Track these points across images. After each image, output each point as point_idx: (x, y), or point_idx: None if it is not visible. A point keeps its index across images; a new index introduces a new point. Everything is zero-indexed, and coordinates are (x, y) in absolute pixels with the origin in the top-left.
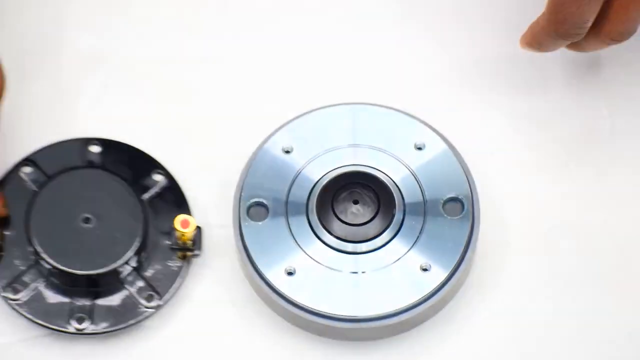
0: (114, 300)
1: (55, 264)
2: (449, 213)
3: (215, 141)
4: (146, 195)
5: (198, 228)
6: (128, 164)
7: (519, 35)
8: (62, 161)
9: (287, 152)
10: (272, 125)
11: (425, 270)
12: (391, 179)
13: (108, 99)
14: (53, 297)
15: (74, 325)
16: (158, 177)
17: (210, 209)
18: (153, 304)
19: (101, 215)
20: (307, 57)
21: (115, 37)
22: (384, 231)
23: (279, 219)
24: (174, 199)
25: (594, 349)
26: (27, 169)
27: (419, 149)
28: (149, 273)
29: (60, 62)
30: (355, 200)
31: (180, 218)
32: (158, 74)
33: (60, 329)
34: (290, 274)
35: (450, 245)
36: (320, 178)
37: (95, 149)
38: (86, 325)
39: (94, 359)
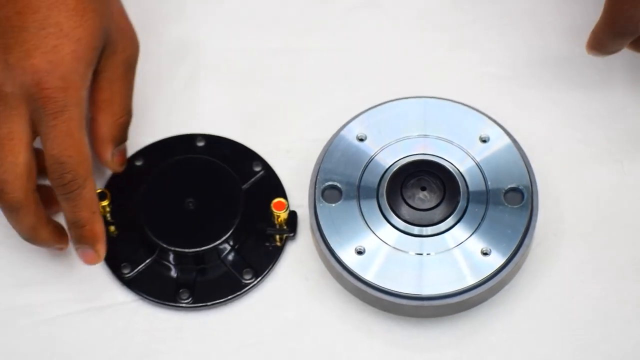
0: (215, 276)
1: (163, 243)
2: (509, 202)
3: (295, 128)
4: (246, 185)
5: (293, 212)
6: (229, 155)
7: (581, 35)
8: (170, 154)
9: (361, 139)
10: (348, 115)
11: (485, 254)
12: (457, 169)
13: (195, 91)
14: (160, 273)
15: (179, 298)
16: (257, 167)
17: (288, 190)
18: (250, 279)
19: (205, 199)
20: (383, 53)
21: (201, 27)
22: (448, 217)
23: (351, 201)
24: (272, 186)
25: None
26: (139, 161)
27: (484, 141)
28: (247, 252)
29: (147, 53)
30: (422, 186)
31: (275, 201)
32: (246, 64)
33: (167, 302)
34: (360, 253)
35: (509, 232)
36: (391, 165)
37: (200, 143)
38: (190, 299)
39: (196, 329)
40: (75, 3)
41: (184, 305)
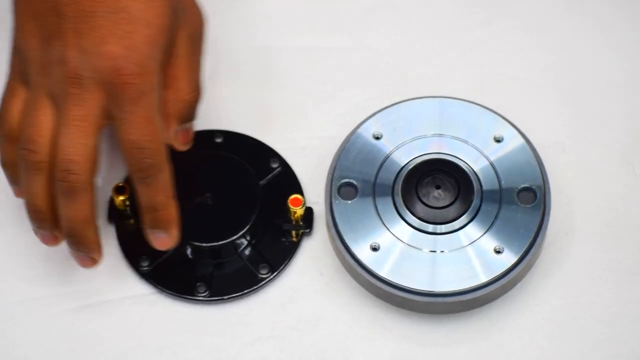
0: (232, 270)
1: (181, 237)
2: (522, 201)
3: (312, 126)
4: (263, 181)
5: (309, 208)
6: (247, 151)
7: (595, 36)
8: (189, 149)
9: (377, 138)
10: (364, 113)
11: (498, 252)
12: (471, 168)
13: (215, 87)
14: (178, 267)
15: (196, 292)
16: (275, 164)
17: (304, 186)
18: (266, 274)
19: (222, 194)
20: (400, 53)
21: (221, 25)
22: (462, 215)
23: (367, 199)
24: (289, 182)
25: None
26: None
27: (498, 141)
28: (263, 247)
29: None
30: (437, 185)
31: (292, 197)
32: (265, 62)
33: (184, 295)
34: (374, 249)
35: (522, 231)
36: (407, 163)
37: (218, 139)
38: (207, 292)
39: (212, 322)
40: None
41: (200, 298)
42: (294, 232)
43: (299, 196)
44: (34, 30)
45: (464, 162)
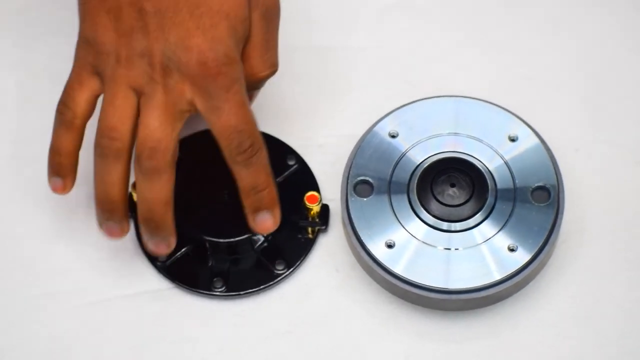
0: (248, 266)
1: (198, 233)
2: (536, 200)
3: (329, 124)
4: (280, 178)
5: (325, 205)
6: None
7: (614, 38)
8: (206, 147)
9: (393, 136)
10: (380, 112)
11: (512, 250)
12: (486, 167)
13: None
14: (195, 262)
15: (213, 287)
16: (291, 161)
17: (320, 184)
18: (282, 270)
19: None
20: (416, 52)
21: None
22: (476, 213)
23: (382, 196)
24: (305, 179)
25: None
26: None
27: (513, 140)
28: (279, 243)
29: None
30: (452, 183)
31: (308, 194)
32: (283, 61)
33: (201, 291)
34: (389, 246)
35: (535, 229)
36: (422, 162)
37: None
38: (223, 287)
39: (228, 317)
40: None
41: (217, 293)
42: (309, 229)
43: (315, 193)
44: (109, 25)
45: (479, 160)
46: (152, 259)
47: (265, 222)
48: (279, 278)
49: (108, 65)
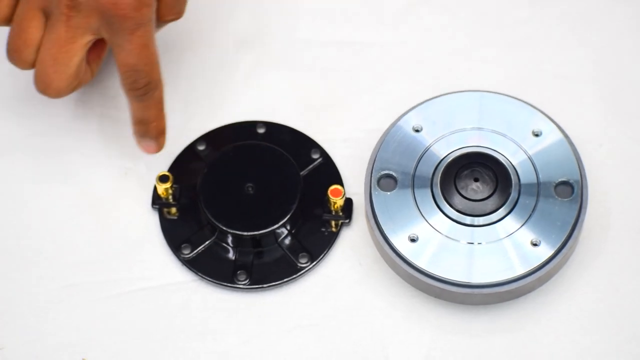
0: (272, 259)
1: (222, 226)
2: (559, 195)
3: (353, 118)
4: (304, 171)
5: (349, 199)
6: (289, 142)
7: (635, 34)
8: (231, 140)
9: (417, 130)
10: (404, 106)
11: (535, 245)
12: (509, 161)
13: (259, 79)
14: (219, 255)
15: (236, 280)
16: (315, 155)
17: (344, 178)
18: (306, 263)
19: (264, 184)
20: (441, 47)
21: (266, 19)
22: (500, 207)
23: (406, 190)
24: (329, 173)
25: None
26: (202, 146)
27: (537, 135)
28: (303, 236)
29: (214, 42)
30: (475, 178)
31: (332, 188)
32: (308, 55)
33: (225, 283)
34: (413, 240)
35: (559, 224)
36: (446, 156)
37: (260, 130)
38: (247, 280)
39: (252, 310)
40: None
41: (241, 286)
42: (333, 222)
43: (339, 187)
44: None
45: (503, 155)
46: (177, 251)
47: (149, 147)
48: (302, 271)
49: None
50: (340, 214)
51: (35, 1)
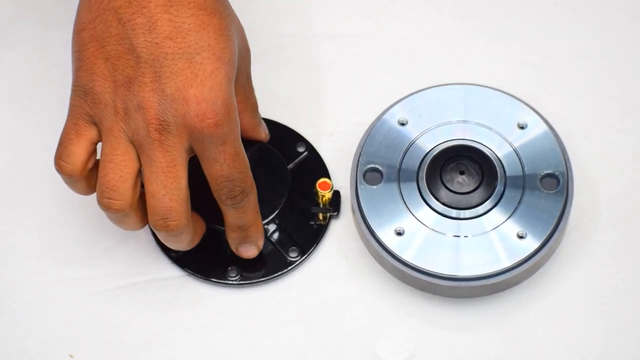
0: (262, 253)
1: (212, 222)
2: (545, 187)
3: (338, 112)
4: (291, 165)
5: (337, 192)
6: (274, 136)
7: (621, 26)
8: None
9: (403, 124)
10: (390, 100)
11: (521, 237)
12: (495, 154)
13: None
14: (209, 250)
15: (227, 275)
16: (301, 149)
17: (330, 171)
18: (296, 257)
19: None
20: (426, 40)
21: (251, 12)
22: (485, 200)
23: (392, 184)
24: (315, 167)
25: None
26: None
27: (522, 128)
28: (292, 230)
29: None
30: (461, 171)
31: (321, 181)
32: (294, 49)
33: (215, 279)
34: (399, 234)
35: (545, 216)
36: (431, 149)
37: None
38: (237, 276)
39: (241, 305)
40: (219, 22)
41: (231, 282)
42: (321, 215)
43: (327, 180)
44: (106, 73)
45: (488, 148)
46: (166, 249)
47: (248, 252)
48: (292, 265)
49: (106, 117)
50: (329, 207)
51: (120, 132)
